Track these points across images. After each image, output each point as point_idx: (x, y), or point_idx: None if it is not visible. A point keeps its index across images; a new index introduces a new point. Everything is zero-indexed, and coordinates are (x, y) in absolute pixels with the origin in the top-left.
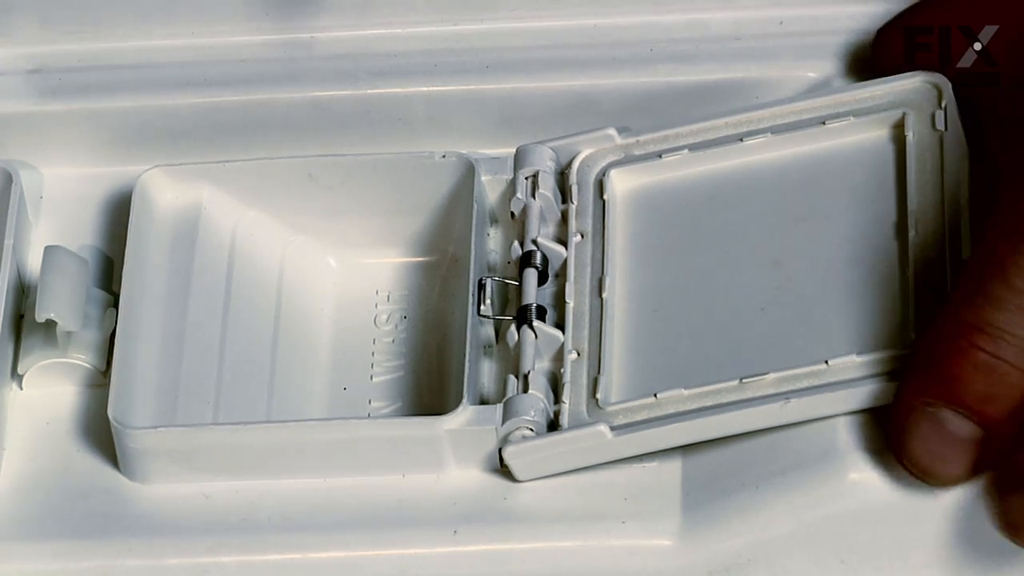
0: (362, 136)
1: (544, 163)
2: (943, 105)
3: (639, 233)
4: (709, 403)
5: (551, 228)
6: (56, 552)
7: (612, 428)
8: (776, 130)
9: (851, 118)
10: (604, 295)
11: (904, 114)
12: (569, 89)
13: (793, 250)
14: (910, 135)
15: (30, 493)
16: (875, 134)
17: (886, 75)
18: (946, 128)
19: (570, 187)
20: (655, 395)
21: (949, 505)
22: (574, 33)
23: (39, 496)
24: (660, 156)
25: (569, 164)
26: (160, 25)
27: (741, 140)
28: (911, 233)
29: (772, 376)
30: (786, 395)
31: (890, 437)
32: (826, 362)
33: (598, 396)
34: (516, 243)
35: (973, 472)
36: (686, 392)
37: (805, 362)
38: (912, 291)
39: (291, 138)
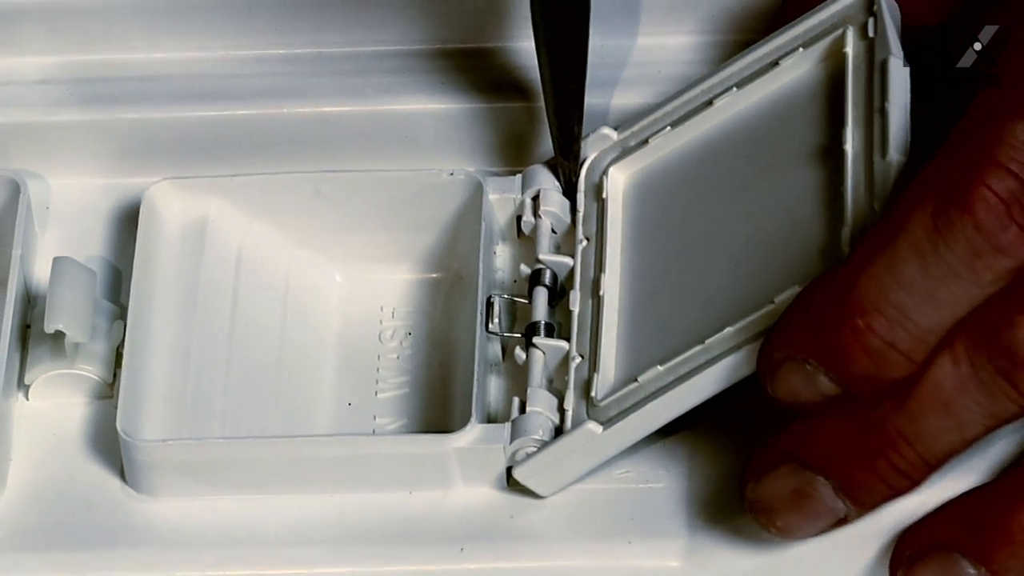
0: (369, 152)
1: (549, 181)
2: (874, 10)
3: (635, 223)
4: (682, 372)
5: (563, 241)
6: (61, 564)
7: (604, 422)
8: (740, 84)
9: (800, 50)
10: (601, 293)
11: (844, 32)
12: None
13: (762, 199)
14: (848, 50)
15: (36, 504)
16: (821, 60)
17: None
18: (875, 33)
19: (578, 195)
20: (636, 379)
21: None
22: None
23: (45, 507)
24: (647, 142)
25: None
26: (168, 38)
27: (711, 103)
28: (847, 147)
29: (729, 330)
30: (740, 345)
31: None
32: (773, 302)
33: (592, 394)
34: (523, 264)
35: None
36: (661, 368)
37: (756, 307)
38: (846, 205)
39: (298, 153)
